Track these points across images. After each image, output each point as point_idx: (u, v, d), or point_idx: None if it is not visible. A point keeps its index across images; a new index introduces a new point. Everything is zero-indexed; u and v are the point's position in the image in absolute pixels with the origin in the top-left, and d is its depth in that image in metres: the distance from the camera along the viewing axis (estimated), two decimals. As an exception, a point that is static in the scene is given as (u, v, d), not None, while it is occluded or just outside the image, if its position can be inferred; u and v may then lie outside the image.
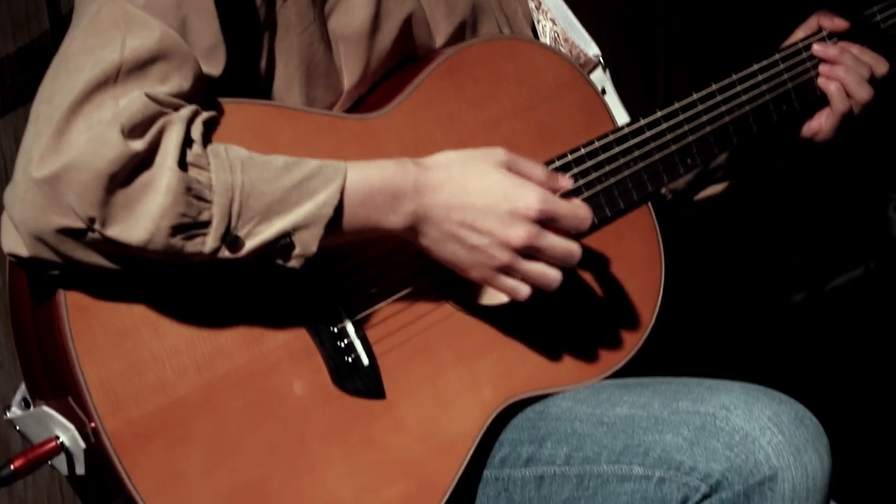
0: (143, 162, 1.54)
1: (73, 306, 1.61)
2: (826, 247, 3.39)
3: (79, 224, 1.53)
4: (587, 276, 1.86)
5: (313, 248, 1.61)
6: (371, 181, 1.63)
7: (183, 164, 1.55)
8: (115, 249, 1.56)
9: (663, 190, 1.95)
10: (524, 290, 1.70)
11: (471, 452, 1.73)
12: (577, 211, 1.69)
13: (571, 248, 1.69)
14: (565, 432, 1.74)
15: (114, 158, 1.51)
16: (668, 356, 2.02)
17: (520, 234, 1.66)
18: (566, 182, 1.73)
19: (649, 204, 1.89)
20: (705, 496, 1.65)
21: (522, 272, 1.68)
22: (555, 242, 1.68)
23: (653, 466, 1.68)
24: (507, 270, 1.68)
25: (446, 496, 1.70)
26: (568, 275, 1.71)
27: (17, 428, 1.70)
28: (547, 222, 1.68)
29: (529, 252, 1.67)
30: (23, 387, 1.71)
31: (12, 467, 1.64)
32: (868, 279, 3.35)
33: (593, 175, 1.82)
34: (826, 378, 3.15)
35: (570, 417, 1.75)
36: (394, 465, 1.70)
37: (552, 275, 1.69)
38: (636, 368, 1.86)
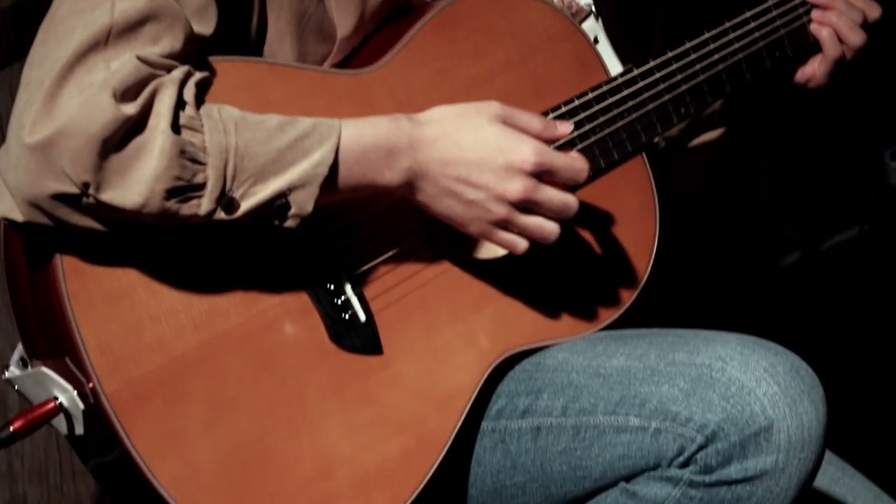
0: (135, 126, 1.53)
1: (70, 269, 1.61)
2: (821, 205, 3.39)
3: (73, 189, 1.53)
4: (582, 229, 1.86)
5: (309, 207, 1.61)
6: (365, 138, 1.63)
7: (176, 126, 1.54)
8: (109, 214, 1.56)
9: (657, 139, 1.95)
10: (522, 244, 1.70)
11: (468, 406, 1.73)
12: (574, 163, 1.69)
13: (568, 200, 1.69)
14: (562, 384, 1.75)
15: (106, 123, 1.51)
16: (664, 309, 2.03)
17: (516, 187, 1.66)
18: (566, 128, 1.73)
19: (643, 154, 1.89)
20: (701, 447, 1.66)
21: (520, 226, 1.68)
22: (551, 195, 1.68)
23: (649, 417, 1.69)
24: (505, 224, 1.68)
25: (444, 450, 1.71)
26: (564, 227, 1.72)
27: (16, 388, 1.70)
28: (543, 175, 1.68)
29: (526, 205, 1.67)
30: (20, 346, 1.71)
31: (11, 429, 1.64)
32: (863, 239, 3.35)
33: (587, 126, 1.81)
34: (820, 335, 3.16)
35: (566, 369, 1.76)
36: (392, 421, 1.71)
37: (549, 228, 1.69)
38: (632, 320, 1.86)
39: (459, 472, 1.77)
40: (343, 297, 1.71)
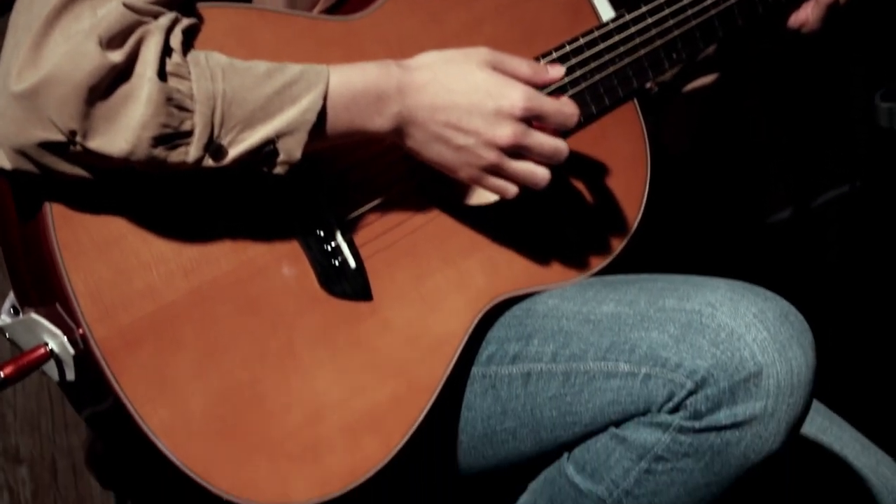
0: (122, 73, 1.53)
1: (59, 216, 1.61)
2: (812, 147, 3.38)
3: (60, 137, 1.53)
4: (573, 175, 1.85)
5: (297, 154, 1.61)
6: (354, 84, 1.62)
7: (163, 74, 1.54)
8: (97, 161, 1.56)
9: (649, 84, 1.94)
10: (512, 190, 1.70)
11: (458, 352, 1.74)
12: (564, 108, 1.69)
13: (559, 145, 1.69)
14: (552, 330, 1.75)
15: (92, 70, 1.50)
16: (654, 262, 2.02)
17: (506, 132, 1.66)
18: (557, 72, 1.72)
19: (635, 100, 1.88)
20: (691, 392, 1.66)
21: (510, 171, 1.68)
22: (542, 140, 1.68)
23: (638, 363, 1.69)
24: (495, 170, 1.68)
25: (434, 395, 1.71)
26: (554, 173, 1.71)
27: (7, 335, 1.70)
28: (533, 120, 1.67)
29: (516, 151, 1.67)
30: (12, 294, 1.71)
31: (2, 374, 1.65)
32: (854, 196, 3.35)
33: (578, 72, 1.81)
34: (809, 290, 3.16)
35: (556, 315, 1.76)
36: (382, 367, 1.71)
37: (540, 173, 1.69)
38: (622, 268, 1.86)
39: (450, 418, 1.77)
40: (333, 244, 1.71)
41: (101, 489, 2.74)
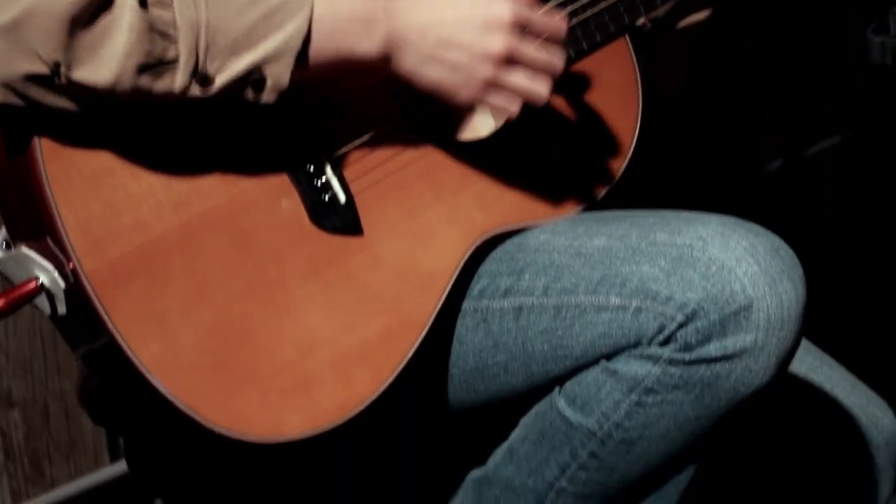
0: (103, 3, 1.52)
1: (48, 150, 1.61)
2: (807, 100, 3.38)
3: (44, 69, 1.52)
4: (564, 110, 1.85)
5: (285, 80, 1.60)
6: (339, 9, 1.61)
7: (144, 2, 1.54)
8: (83, 93, 1.56)
9: (641, 20, 1.93)
10: (515, 106, 1.67)
11: (449, 286, 1.74)
12: (552, 17, 1.68)
13: (553, 56, 1.67)
14: (543, 264, 1.75)
15: (73, 0, 1.50)
16: (646, 201, 2.02)
17: (498, 42, 1.64)
18: None
19: (626, 37, 1.88)
20: (681, 325, 1.66)
21: (509, 85, 1.66)
22: (535, 50, 1.66)
23: (630, 296, 1.69)
24: (494, 85, 1.66)
25: (425, 329, 1.72)
26: (545, 109, 1.71)
27: (-1, 270, 1.71)
28: (523, 30, 1.66)
29: (511, 61, 1.66)
30: (3, 229, 1.71)
31: (-6, 308, 1.65)
32: (846, 147, 3.34)
33: (569, 8, 1.80)
34: (800, 237, 3.16)
35: (548, 249, 1.76)
36: (373, 301, 1.71)
37: (539, 86, 1.67)
38: (614, 202, 1.86)
39: (441, 352, 1.77)
40: (323, 179, 1.71)
41: (94, 433, 2.74)
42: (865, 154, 3.32)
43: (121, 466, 2.75)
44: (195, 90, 1.57)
